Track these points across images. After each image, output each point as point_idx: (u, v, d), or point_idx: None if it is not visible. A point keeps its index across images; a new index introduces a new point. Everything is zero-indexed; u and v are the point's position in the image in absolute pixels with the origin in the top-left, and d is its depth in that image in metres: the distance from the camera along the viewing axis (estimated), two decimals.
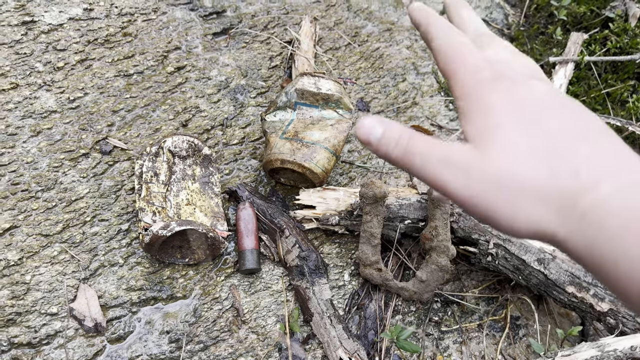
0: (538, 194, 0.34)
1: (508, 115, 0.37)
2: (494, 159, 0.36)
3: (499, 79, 0.39)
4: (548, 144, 0.36)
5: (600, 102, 1.30)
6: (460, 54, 0.42)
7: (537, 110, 0.38)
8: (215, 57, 1.21)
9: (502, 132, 0.37)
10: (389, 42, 1.39)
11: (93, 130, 1.05)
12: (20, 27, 1.10)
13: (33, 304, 0.89)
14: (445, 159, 0.38)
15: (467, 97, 0.40)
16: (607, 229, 0.31)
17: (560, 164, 0.34)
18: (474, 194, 0.36)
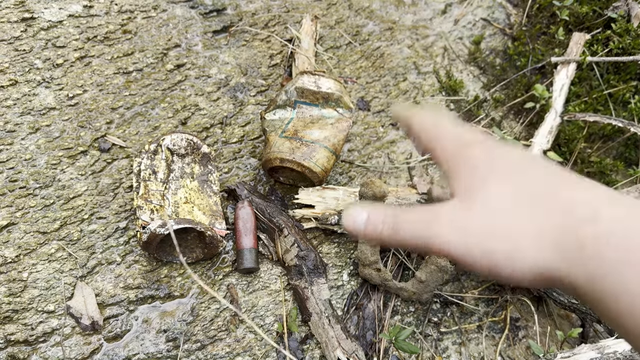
0: (533, 237, 0.35)
1: (491, 170, 0.39)
2: (483, 211, 0.37)
3: (478, 142, 0.41)
4: (533, 191, 0.37)
5: (602, 102, 1.29)
6: (441, 129, 0.45)
7: (516, 165, 0.39)
8: (215, 55, 1.21)
9: (488, 185, 0.38)
10: (390, 41, 1.38)
11: (92, 128, 1.05)
12: (19, 24, 1.10)
13: (30, 302, 0.88)
14: (433, 220, 0.39)
15: (452, 159, 0.42)
16: (607, 261, 0.31)
17: (550, 206, 0.35)
18: (471, 248, 0.36)
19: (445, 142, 0.44)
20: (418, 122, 0.48)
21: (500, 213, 0.36)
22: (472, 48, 1.44)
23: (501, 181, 0.38)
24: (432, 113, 0.51)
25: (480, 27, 1.48)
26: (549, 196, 0.36)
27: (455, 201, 0.39)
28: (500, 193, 0.37)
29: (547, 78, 1.35)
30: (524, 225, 0.35)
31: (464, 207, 0.38)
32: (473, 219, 0.37)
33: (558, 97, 1.27)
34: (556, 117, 1.25)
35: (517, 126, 1.34)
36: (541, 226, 0.34)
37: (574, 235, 0.33)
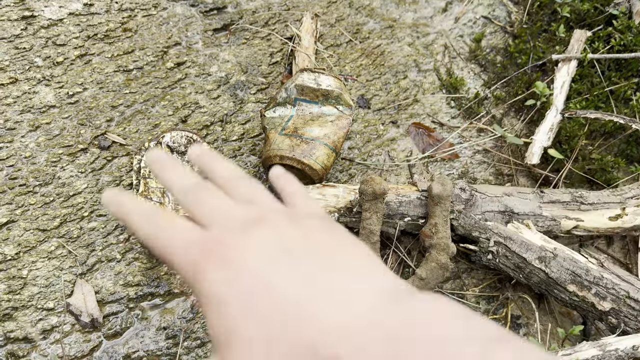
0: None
1: (237, 304, 0.31)
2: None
3: (208, 249, 0.34)
4: (282, 325, 0.30)
5: (603, 100, 1.28)
6: (165, 238, 0.36)
7: (261, 278, 0.32)
8: (216, 53, 1.21)
9: (238, 337, 0.31)
10: (390, 39, 1.38)
11: (92, 126, 1.05)
12: (20, 22, 1.10)
13: (29, 299, 0.88)
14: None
15: (195, 288, 0.34)
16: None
17: (299, 348, 0.29)
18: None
19: (179, 262, 0.35)
20: (138, 222, 0.38)
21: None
22: (472, 46, 1.44)
23: (247, 325, 0.31)
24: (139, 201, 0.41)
25: (481, 25, 1.48)
26: (294, 335, 0.30)
27: (212, 358, 0.33)
28: (245, 345, 0.31)
29: (548, 75, 1.35)
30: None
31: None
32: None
33: (559, 94, 1.27)
34: (557, 114, 1.24)
35: (517, 123, 1.34)
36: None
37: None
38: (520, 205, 1.04)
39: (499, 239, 0.98)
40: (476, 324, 0.27)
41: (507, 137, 1.21)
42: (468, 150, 1.27)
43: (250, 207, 0.37)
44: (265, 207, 0.38)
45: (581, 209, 1.07)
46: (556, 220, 1.05)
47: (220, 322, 0.31)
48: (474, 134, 1.30)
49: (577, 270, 0.95)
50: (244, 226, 0.34)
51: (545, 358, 0.26)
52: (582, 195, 1.07)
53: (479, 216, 1.02)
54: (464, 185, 1.03)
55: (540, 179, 1.24)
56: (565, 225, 1.06)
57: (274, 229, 0.34)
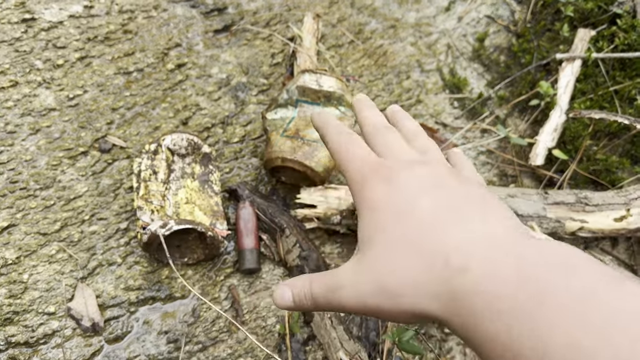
0: (416, 288, 0.35)
1: (387, 210, 0.39)
2: (372, 267, 0.38)
3: (381, 169, 0.41)
4: (421, 233, 0.37)
5: (608, 99, 1.27)
6: (348, 151, 0.43)
7: (412, 197, 0.39)
8: (216, 55, 1.20)
9: (382, 235, 0.38)
10: (393, 39, 1.37)
11: (92, 128, 1.04)
12: (20, 25, 1.09)
13: (30, 303, 0.88)
14: (337, 287, 0.40)
15: (358, 195, 0.41)
16: (478, 312, 0.32)
17: (433, 253, 0.35)
18: (364, 303, 0.38)
19: (352, 170, 0.43)
20: (329, 133, 0.47)
21: (385, 267, 0.37)
22: (476, 45, 1.43)
23: (392, 228, 0.38)
24: (347, 118, 0.50)
25: (484, 25, 1.46)
26: (438, 238, 0.36)
27: (355, 256, 0.40)
28: (388, 243, 0.38)
29: (552, 75, 1.34)
30: (410, 277, 0.36)
31: (359, 261, 0.39)
32: (365, 276, 0.38)
33: (563, 94, 1.26)
34: (561, 114, 1.23)
35: (521, 124, 1.32)
36: (425, 279, 0.35)
37: (448, 287, 0.33)
38: (525, 206, 1.03)
39: None
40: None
41: (511, 138, 1.20)
42: (471, 151, 1.26)
43: (422, 154, 0.44)
44: (434, 159, 0.43)
45: (586, 210, 1.05)
46: (560, 222, 1.04)
47: (371, 223, 0.39)
48: (478, 134, 1.29)
49: None
50: (411, 163, 0.41)
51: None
52: (587, 196, 1.06)
53: None
54: None
55: (544, 180, 1.23)
56: (570, 226, 1.05)
57: (433, 171, 0.41)
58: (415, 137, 0.48)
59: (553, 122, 1.23)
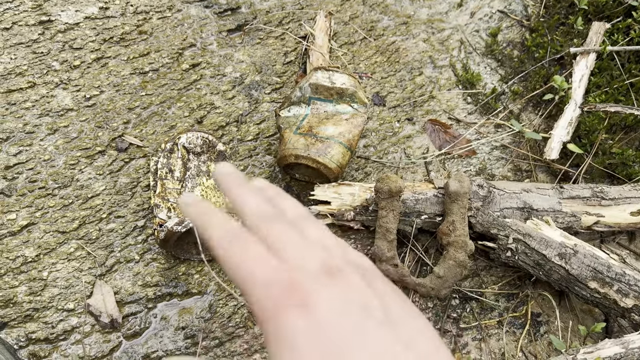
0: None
1: (312, 351, 0.32)
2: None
3: (290, 291, 0.34)
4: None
5: (623, 93, 1.26)
6: (248, 269, 0.36)
7: (338, 332, 0.33)
8: (230, 54, 1.21)
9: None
10: (405, 35, 1.37)
11: (109, 128, 1.06)
12: (37, 27, 1.11)
13: (50, 300, 0.90)
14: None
15: (269, 326, 0.34)
16: None
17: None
18: None
19: (258, 295, 0.35)
20: (216, 236, 0.39)
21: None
22: (489, 40, 1.42)
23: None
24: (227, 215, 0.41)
25: (497, 20, 1.46)
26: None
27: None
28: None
29: (566, 69, 1.33)
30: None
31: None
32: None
33: (578, 88, 1.25)
34: (576, 108, 1.22)
35: (536, 118, 1.32)
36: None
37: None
38: (540, 201, 1.03)
39: (518, 236, 0.97)
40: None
41: (525, 133, 1.20)
42: (485, 146, 1.25)
43: (325, 253, 0.38)
44: (339, 257, 0.38)
45: (602, 204, 1.05)
46: (576, 216, 1.03)
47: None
48: (492, 129, 1.28)
49: (598, 267, 0.94)
50: (323, 274, 0.35)
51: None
52: (603, 190, 1.06)
53: (498, 213, 1.01)
54: (481, 182, 1.02)
55: (559, 175, 1.22)
56: (586, 221, 1.04)
57: (351, 285, 0.35)
58: (305, 225, 0.41)
59: (568, 116, 1.22)
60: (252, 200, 0.42)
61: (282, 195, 0.46)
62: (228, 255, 0.37)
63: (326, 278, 0.35)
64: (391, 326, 0.34)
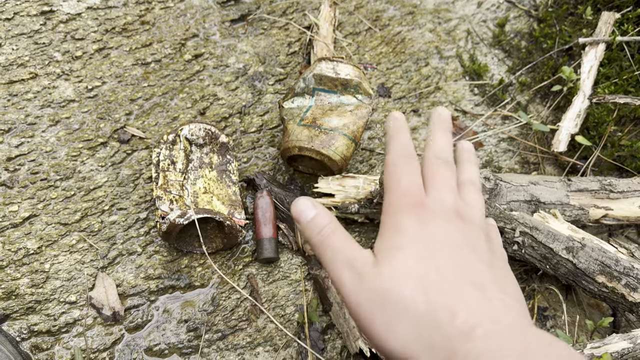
0: (414, 322, 0.35)
1: (414, 241, 0.40)
2: (385, 277, 0.38)
3: (420, 207, 0.42)
4: (438, 278, 0.37)
5: (633, 84, 1.24)
6: (398, 175, 0.44)
7: (441, 245, 0.39)
8: (233, 44, 1.20)
9: (401, 255, 0.39)
10: (411, 25, 1.35)
11: (111, 119, 1.05)
12: (39, 17, 1.10)
13: (52, 293, 0.89)
14: (349, 262, 0.40)
15: (388, 216, 0.42)
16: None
17: (441, 300, 0.36)
18: (360, 302, 0.38)
19: (394, 195, 0.44)
20: (392, 146, 0.48)
21: (395, 290, 0.37)
22: (496, 31, 1.40)
23: (417, 255, 0.38)
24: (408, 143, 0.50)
25: (504, 9, 1.44)
26: (452, 291, 0.36)
27: (374, 257, 0.41)
28: (408, 268, 0.38)
29: (574, 60, 1.31)
30: (409, 315, 0.36)
31: (375, 265, 0.39)
32: (374, 282, 0.38)
33: (586, 79, 1.23)
34: (584, 99, 1.20)
35: (543, 110, 1.30)
36: (425, 319, 0.35)
37: (447, 344, 0.34)
38: (547, 194, 1.01)
39: (524, 229, 0.96)
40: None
41: (532, 124, 1.18)
42: (492, 138, 1.24)
43: (466, 208, 0.45)
44: (475, 218, 0.45)
45: (610, 197, 1.03)
46: (584, 209, 1.01)
47: (395, 242, 0.41)
48: (499, 121, 1.27)
49: (606, 261, 0.92)
50: (450, 213, 0.43)
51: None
52: (611, 183, 1.04)
53: (504, 206, 0.99)
54: (488, 174, 1.00)
55: (567, 167, 1.21)
56: (594, 214, 1.03)
57: (467, 232, 0.42)
58: (469, 187, 0.48)
59: (576, 107, 1.20)
60: (444, 141, 0.50)
61: (471, 160, 0.52)
62: (392, 165, 0.46)
63: (453, 215, 0.42)
64: (489, 265, 0.40)
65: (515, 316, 0.36)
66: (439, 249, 0.39)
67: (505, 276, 0.41)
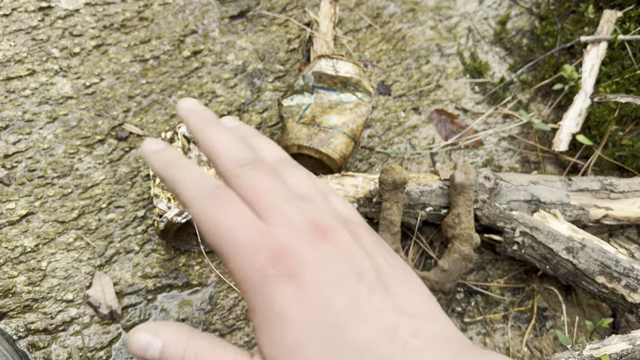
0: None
1: (304, 324, 0.30)
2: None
3: (278, 259, 0.31)
4: (353, 353, 0.29)
5: (634, 83, 1.23)
6: (231, 234, 0.32)
7: (330, 301, 0.30)
8: (232, 41, 1.19)
9: (302, 356, 0.30)
10: (412, 22, 1.34)
11: (109, 116, 1.04)
12: (37, 13, 1.09)
13: (49, 291, 0.89)
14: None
15: (256, 296, 0.31)
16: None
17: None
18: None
19: (243, 263, 0.32)
20: (192, 196, 0.35)
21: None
22: (497, 28, 1.39)
23: (313, 348, 0.29)
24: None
25: (506, 7, 1.43)
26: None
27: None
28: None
29: (576, 58, 1.30)
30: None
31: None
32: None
33: (588, 77, 1.22)
34: (586, 98, 1.20)
35: (545, 109, 1.29)
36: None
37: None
38: (547, 193, 1.00)
39: (524, 229, 0.95)
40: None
41: (533, 123, 1.17)
42: (493, 137, 1.23)
43: (311, 206, 0.35)
44: (325, 211, 0.35)
45: (611, 197, 1.02)
46: (585, 209, 1.01)
47: (285, 340, 0.30)
48: (499, 120, 1.26)
49: (607, 261, 0.92)
50: (311, 233, 0.33)
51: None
52: (612, 183, 1.03)
53: (504, 206, 0.99)
54: (488, 173, 1.00)
55: (568, 167, 1.20)
56: (594, 214, 1.02)
57: (341, 246, 0.33)
58: (286, 171, 0.38)
59: (577, 106, 1.19)
60: (228, 143, 0.37)
61: (258, 137, 0.41)
62: (204, 215, 0.33)
63: (314, 238, 0.32)
64: (385, 290, 0.32)
65: (440, 351, 0.30)
66: (333, 310, 0.30)
67: (407, 291, 0.33)
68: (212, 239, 0.33)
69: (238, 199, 0.34)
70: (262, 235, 0.32)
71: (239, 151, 0.37)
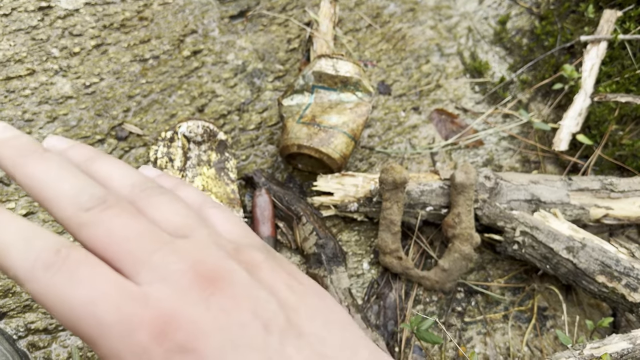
0: None
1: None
2: None
3: (166, 334, 0.24)
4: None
5: (634, 82, 1.23)
6: (87, 307, 0.24)
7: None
8: (232, 41, 1.19)
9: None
10: (412, 22, 1.34)
11: (109, 116, 1.04)
12: (36, 13, 1.09)
13: None
14: None
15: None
16: None
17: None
18: None
19: (112, 345, 0.24)
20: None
21: None
22: (497, 28, 1.39)
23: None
24: None
25: (506, 7, 1.43)
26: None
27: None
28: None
29: (576, 58, 1.30)
30: None
31: None
32: None
33: (588, 77, 1.22)
34: (586, 98, 1.20)
35: (545, 108, 1.29)
36: None
37: None
38: (548, 193, 1.00)
39: (525, 228, 0.95)
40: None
41: (533, 123, 1.17)
42: (493, 136, 1.23)
43: (188, 245, 0.28)
44: (208, 246, 0.28)
45: (611, 196, 1.02)
46: (585, 209, 1.01)
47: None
48: (500, 119, 1.26)
49: (607, 261, 0.92)
50: (198, 289, 0.25)
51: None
52: (612, 182, 1.03)
53: (504, 205, 0.99)
54: (488, 173, 1.00)
55: (568, 166, 1.20)
56: (595, 213, 1.02)
57: (238, 292, 0.26)
58: (143, 198, 0.30)
59: (577, 106, 1.19)
60: (61, 178, 0.28)
61: (100, 158, 0.32)
62: (47, 294, 0.24)
63: (204, 292, 0.25)
64: (297, 335, 0.27)
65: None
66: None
67: (319, 325, 0.28)
68: (68, 324, 0.24)
69: (91, 258, 0.26)
70: (136, 303, 0.24)
71: (79, 187, 0.28)
